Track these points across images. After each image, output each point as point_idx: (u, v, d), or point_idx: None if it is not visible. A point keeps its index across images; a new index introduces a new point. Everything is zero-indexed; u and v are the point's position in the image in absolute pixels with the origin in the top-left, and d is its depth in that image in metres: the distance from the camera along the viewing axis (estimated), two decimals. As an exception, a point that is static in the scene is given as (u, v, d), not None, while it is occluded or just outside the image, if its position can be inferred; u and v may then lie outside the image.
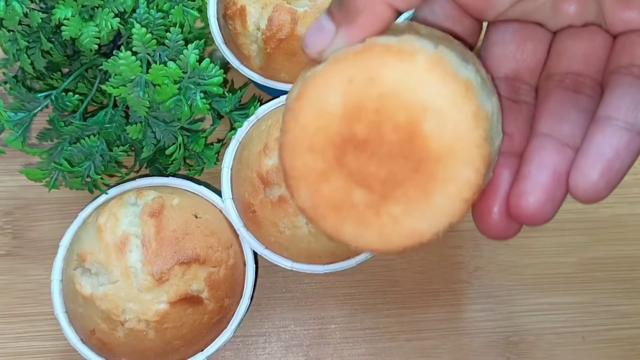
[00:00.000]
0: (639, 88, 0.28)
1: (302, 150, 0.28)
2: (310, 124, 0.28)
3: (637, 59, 0.29)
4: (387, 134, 0.26)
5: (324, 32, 0.29)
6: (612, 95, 0.28)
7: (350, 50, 0.28)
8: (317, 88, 0.28)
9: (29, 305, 0.58)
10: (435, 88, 0.26)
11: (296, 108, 0.28)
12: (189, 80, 0.50)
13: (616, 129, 0.27)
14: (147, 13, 0.52)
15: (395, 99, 0.26)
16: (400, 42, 0.27)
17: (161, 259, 0.49)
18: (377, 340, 0.58)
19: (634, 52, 0.29)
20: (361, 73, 0.27)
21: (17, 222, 0.60)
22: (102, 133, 0.54)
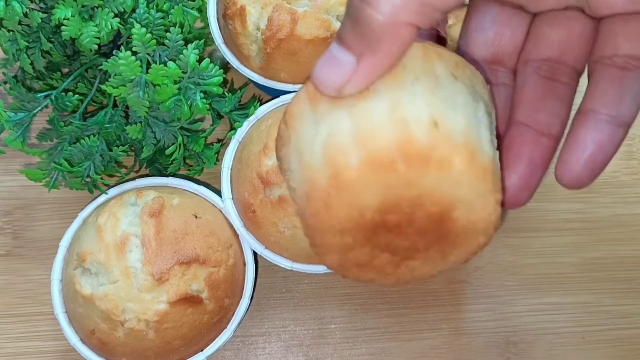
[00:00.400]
0: (621, 80, 0.29)
1: (333, 232, 0.28)
2: (344, 216, 0.27)
3: (620, 48, 0.29)
4: (418, 220, 0.28)
5: (340, 65, 0.26)
6: (596, 88, 0.29)
7: (388, 153, 0.26)
8: (352, 192, 0.26)
9: (29, 305, 0.58)
10: (468, 186, 0.27)
11: (327, 198, 0.27)
12: (189, 80, 0.50)
13: (599, 123, 0.29)
14: (147, 13, 0.52)
15: (430, 196, 0.27)
16: (436, 139, 0.26)
17: (161, 259, 0.49)
18: (377, 340, 0.58)
19: (617, 41, 0.29)
20: (400, 182, 0.26)
21: (17, 222, 0.60)
22: (102, 133, 0.54)
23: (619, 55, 0.29)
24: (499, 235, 0.60)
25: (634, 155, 0.64)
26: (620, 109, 0.29)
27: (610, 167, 0.62)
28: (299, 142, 0.28)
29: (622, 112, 0.29)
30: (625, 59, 0.29)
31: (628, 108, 0.29)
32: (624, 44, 0.29)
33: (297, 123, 0.28)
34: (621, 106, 0.29)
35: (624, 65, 0.29)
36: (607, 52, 0.29)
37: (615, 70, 0.29)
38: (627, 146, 0.64)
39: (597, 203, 0.62)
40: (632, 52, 0.29)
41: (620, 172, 0.63)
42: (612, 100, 0.29)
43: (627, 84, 0.29)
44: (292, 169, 0.29)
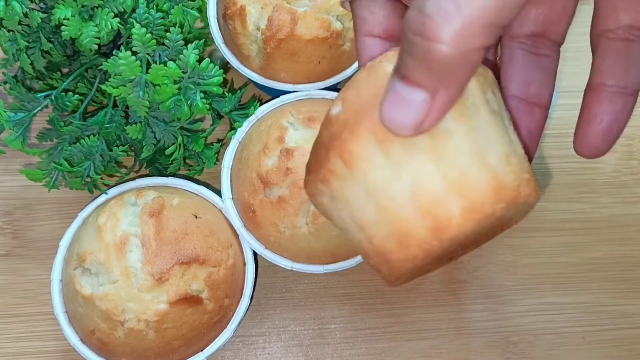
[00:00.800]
0: (626, 51, 0.31)
1: (419, 271, 0.31)
2: (437, 260, 0.30)
3: (621, 21, 0.30)
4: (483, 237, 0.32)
5: (412, 104, 0.25)
6: (603, 62, 0.31)
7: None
8: (454, 241, 0.28)
9: (29, 305, 0.58)
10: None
11: (429, 247, 0.28)
12: (189, 80, 0.50)
13: (611, 95, 0.31)
14: (146, 13, 0.52)
15: (505, 224, 0.32)
16: (516, 176, 0.28)
17: (161, 259, 0.49)
18: (377, 340, 0.58)
19: (618, 15, 0.30)
20: (492, 221, 0.29)
21: (17, 222, 0.60)
22: (102, 133, 0.54)
23: (621, 27, 0.30)
24: (499, 235, 0.60)
25: (634, 155, 0.64)
26: (629, 80, 0.31)
27: (610, 167, 0.63)
28: (368, 184, 0.27)
29: (631, 82, 0.31)
30: (627, 30, 0.30)
31: (635, 76, 0.31)
32: (624, 17, 0.30)
33: (364, 164, 0.27)
34: (629, 77, 0.31)
35: (626, 37, 0.31)
36: (610, 25, 0.31)
37: (618, 42, 0.31)
38: (627, 146, 0.64)
39: (597, 203, 0.62)
40: (633, 22, 0.30)
41: (620, 172, 0.63)
42: (619, 72, 0.31)
43: (632, 55, 0.31)
44: (353, 208, 0.29)
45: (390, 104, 0.26)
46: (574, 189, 0.62)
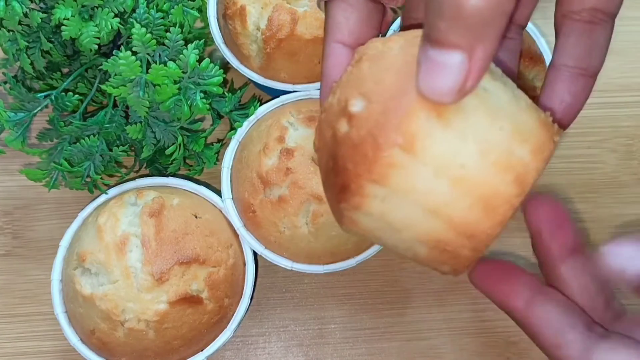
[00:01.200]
0: (589, 34, 0.32)
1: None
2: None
3: (586, 3, 0.31)
4: None
5: (451, 68, 0.24)
6: (566, 42, 0.32)
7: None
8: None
9: (29, 305, 0.58)
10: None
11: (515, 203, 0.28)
12: (189, 80, 0.50)
13: (573, 77, 0.32)
14: (146, 13, 0.52)
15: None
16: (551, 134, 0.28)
17: (161, 259, 0.49)
18: (377, 340, 0.58)
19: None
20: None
21: (17, 222, 0.60)
22: (102, 133, 0.54)
23: (585, 10, 0.31)
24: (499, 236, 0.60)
25: (634, 155, 0.64)
26: (590, 62, 0.32)
27: (610, 167, 0.63)
28: (436, 161, 0.26)
29: (592, 64, 0.32)
30: (591, 12, 0.31)
31: (597, 59, 0.32)
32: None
33: (426, 141, 0.26)
34: (590, 59, 0.32)
35: (590, 19, 0.31)
36: (574, 7, 0.32)
37: (582, 24, 0.32)
38: (627, 146, 0.64)
39: (597, 203, 0.62)
40: (597, 5, 0.31)
41: (620, 172, 0.63)
42: (582, 54, 0.32)
43: (595, 37, 0.32)
44: (421, 194, 0.27)
45: (428, 74, 0.25)
46: (574, 189, 0.62)
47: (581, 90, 0.32)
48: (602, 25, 0.32)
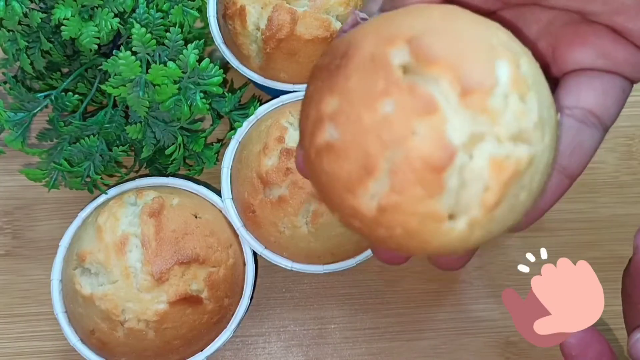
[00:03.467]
0: (577, 132, 0.29)
1: None
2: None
3: (582, 101, 0.29)
4: None
5: None
6: None
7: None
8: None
9: (29, 305, 0.58)
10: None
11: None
12: (189, 80, 0.50)
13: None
14: (146, 13, 0.52)
15: None
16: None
17: (161, 259, 0.49)
18: (377, 340, 0.57)
19: (580, 93, 0.29)
20: None
21: (16, 222, 0.60)
22: (102, 133, 0.54)
23: (579, 108, 0.29)
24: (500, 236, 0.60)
25: (634, 155, 0.64)
26: (571, 162, 0.29)
27: (610, 167, 0.63)
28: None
29: (572, 166, 0.29)
30: (585, 112, 0.29)
31: (577, 162, 0.29)
32: (587, 98, 0.29)
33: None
34: (572, 159, 0.29)
35: (582, 119, 0.29)
36: (568, 102, 0.30)
37: (572, 121, 0.29)
38: (627, 146, 0.64)
39: (597, 203, 0.62)
40: (593, 107, 0.29)
41: (620, 172, 0.63)
42: (564, 151, 0.29)
43: (581, 139, 0.29)
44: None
45: None
46: (574, 189, 0.61)
47: (555, 186, 0.29)
48: (592, 130, 0.29)
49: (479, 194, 0.25)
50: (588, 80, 0.30)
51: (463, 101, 0.25)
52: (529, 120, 0.25)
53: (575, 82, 0.30)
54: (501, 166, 0.25)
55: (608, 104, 0.29)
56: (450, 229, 0.25)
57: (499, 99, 0.25)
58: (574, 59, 0.30)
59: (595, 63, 0.29)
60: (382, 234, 0.26)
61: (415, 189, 0.24)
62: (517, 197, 0.26)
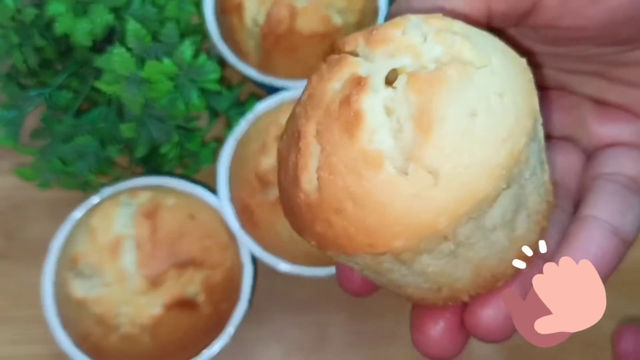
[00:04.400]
0: (626, 196, 0.28)
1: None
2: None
3: (624, 168, 0.29)
4: None
5: None
6: (598, 198, 0.28)
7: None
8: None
9: (21, 308, 0.57)
10: None
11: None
12: (185, 76, 0.50)
13: (604, 231, 0.27)
14: (142, 8, 0.52)
15: None
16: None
17: (156, 262, 0.48)
18: (379, 344, 0.57)
19: (621, 162, 0.29)
20: None
21: (8, 223, 0.60)
22: (96, 131, 0.54)
23: (622, 175, 0.29)
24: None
25: None
26: (624, 222, 0.27)
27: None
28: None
29: (626, 226, 0.27)
30: (628, 179, 0.28)
31: (631, 224, 0.28)
32: (628, 165, 0.29)
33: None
34: (624, 219, 0.27)
35: (627, 185, 0.28)
36: (609, 169, 0.29)
37: (617, 186, 0.28)
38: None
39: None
40: (636, 175, 0.29)
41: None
42: (616, 212, 0.27)
43: (631, 202, 0.28)
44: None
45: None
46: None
47: (612, 250, 0.27)
48: (638, 196, 0.28)
49: (409, 120, 0.24)
50: (627, 151, 0.29)
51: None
52: (456, 44, 0.25)
53: (614, 153, 0.30)
54: (422, 79, 0.24)
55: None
56: (395, 176, 0.23)
57: (414, 36, 0.25)
58: (608, 134, 0.30)
59: (631, 139, 0.29)
60: (338, 222, 0.24)
61: (340, 136, 0.24)
62: (468, 119, 0.23)
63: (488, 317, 0.27)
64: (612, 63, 0.29)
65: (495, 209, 0.24)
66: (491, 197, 0.23)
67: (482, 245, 0.25)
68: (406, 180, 0.23)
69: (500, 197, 0.24)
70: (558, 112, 0.32)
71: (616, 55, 0.28)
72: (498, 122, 0.23)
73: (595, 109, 0.31)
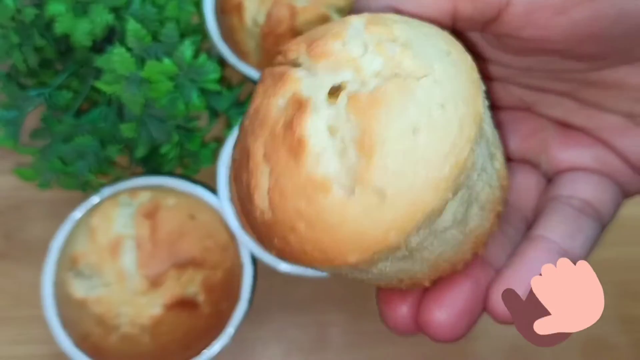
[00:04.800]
0: (578, 219, 0.28)
1: None
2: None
3: (579, 191, 0.29)
4: None
5: None
6: (550, 219, 0.28)
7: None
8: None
9: (21, 308, 0.57)
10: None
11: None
12: (185, 76, 0.50)
13: (550, 251, 0.27)
14: (142, 8, 0.52)
15: None
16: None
17: (156, 262, 0.48)
18: (379, 344, 0.57)
19: (577, 186, 0.29)
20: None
21: (8, 223, 0.60)
22: (96, 131, 0.54)
23: (576, 198, 0.29)
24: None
25: None
26: (574, 244, 0.27)
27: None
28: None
29: (575, 248, 0.27)
30: (583, 203, 0.29)
31: (581, 247, 0.28)
32: (585, 191, 0.29)
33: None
34: (574, 242, 0.28)
35: (580, 208, 0.29)
36: (565, 192, 0.29)
37: (571, 209, 0.29)
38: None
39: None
40: (591, 199, 0.29)
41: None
42: (565, 234, 0.28)
43: (582, 225, 0.28)
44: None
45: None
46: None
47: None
48: (592, 220, 0.29)
49: (353, 141, 0.24)
50: (585, 175, 0.30)
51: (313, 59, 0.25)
52: (397, 55, 0.25)
53: (572, 177, 0.30)
54: (361, 101, 0.24)
55: (605, 200, 0.29)
56: (343, 198, 0.23)
57: (355, 47, 0.25)
58: (568, 159, 0.30)
59: (591, 164, 0.30)
60: (293, 239, 0.25)
61: (287, 160, 0.24)
62: (410, 137, 0.23)
63: (440, 317, 0.27)
64: (580, 82, 0.29)
65: (445, 215, 0.25)
66: (439, 209, 0.24)
67: (437, 245, 0.26)
68: (354, 201, 0.23)
69: (448, 204, 0.24)
70: (521, 135, 0.32)
71: (584, 74, 0.28)
72: (441, 136, 0.23)
73: (559, 133, 0.31)
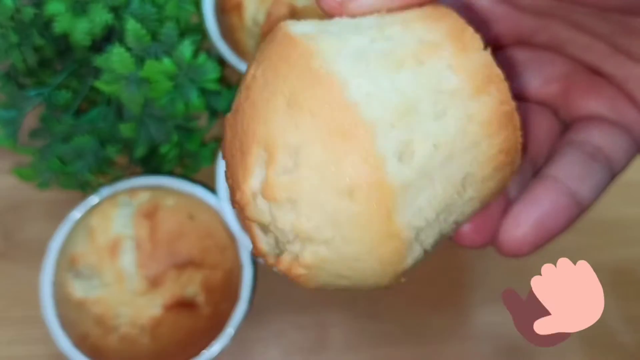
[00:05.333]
0: (588, 163, 0.29)
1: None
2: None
3: (593, 138, 0.30)
4: None
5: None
6: (561, 160, 0.29)
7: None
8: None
9: (20, 308, 0.57)
10: None
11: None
12: (185, 76, 0.50)
13: (559, 191, 0.28)
14: (141, 7, 0.52)
15: None
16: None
17: (155, 262, 0.48)
18: (379, 345, 0.57)
19: (592, 132, 0.30)
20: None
21: (7, 223, 0.59)
22: (95, 131, 0.54)
23: (590, 144, 0.29)
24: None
25: (638, 155, 0.63)
26: (582, 187, 0.28)
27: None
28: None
29: (583, 191, 0.29)
30: (595, 149, 0.29)
31: (589, 190, 0.29)
32: (598, 138, 0.30)
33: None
34: (582, 185, 0.29)
35: (592, 154, 0.29)
36: (580, 137, 0.30)
37: (582, 153, 0.29)
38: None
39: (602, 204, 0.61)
40: (604, 147, 0.29)
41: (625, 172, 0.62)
42: (575, 176, 0.28)
43: (592, 170, 0.29)
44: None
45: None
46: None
47: (562, 209, 0.28)
48: (602, 166, 0.29)
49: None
50: (601, 124, 0.30)
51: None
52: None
53: (587, 123, 0.30)
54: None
55: (618, 150, 0.30)
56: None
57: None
58: (587, 107, 0.31)
59: (608, 115, 0.30)
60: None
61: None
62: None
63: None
64: (622, 25, 0.29)
65: (426, 241, 0.26)
66: (409, 266, 0.25)
67: (450, 223, 0.27)
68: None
69: (415, 251, 0.26)
70: (544, 78, 0.32)
71: (627, 18, 0.28)
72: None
73: (583, 80, 0.31)
